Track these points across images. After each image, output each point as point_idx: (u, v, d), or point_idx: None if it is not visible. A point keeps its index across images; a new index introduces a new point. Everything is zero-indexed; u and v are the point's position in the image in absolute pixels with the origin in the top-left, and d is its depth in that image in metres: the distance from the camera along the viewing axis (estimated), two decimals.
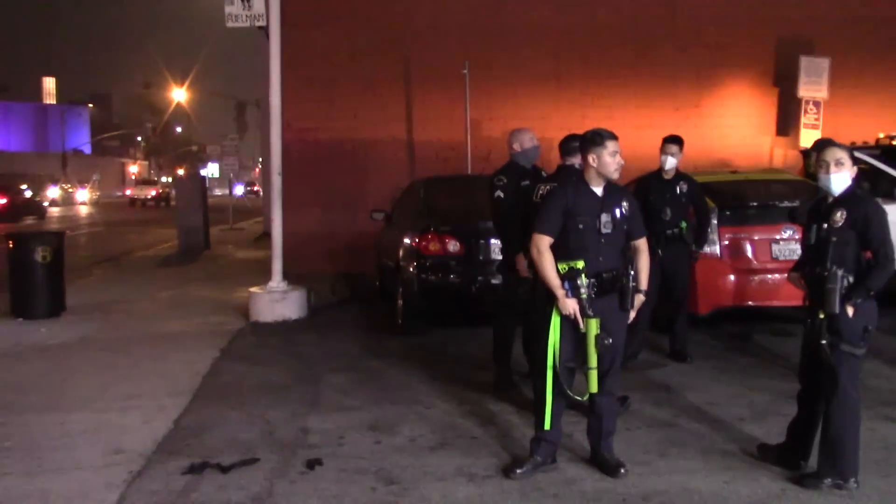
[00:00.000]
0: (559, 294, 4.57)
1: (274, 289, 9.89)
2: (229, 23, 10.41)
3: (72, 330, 9.30)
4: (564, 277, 4.60)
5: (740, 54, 14.30)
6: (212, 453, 5.15)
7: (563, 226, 4.66)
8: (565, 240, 4.65)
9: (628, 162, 5.53)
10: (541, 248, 4.66)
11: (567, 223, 4.65)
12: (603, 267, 4.64)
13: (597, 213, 4.64)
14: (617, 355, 4.77)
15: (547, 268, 4.62)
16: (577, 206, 4.65)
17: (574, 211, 4.64)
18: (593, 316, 4.55)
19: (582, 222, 4.63)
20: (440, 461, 4.98)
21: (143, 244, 21.67)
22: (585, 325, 4.55)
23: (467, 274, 8.46)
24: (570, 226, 4.64)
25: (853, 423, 4.41)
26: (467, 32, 13.89)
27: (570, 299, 4.57)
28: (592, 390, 4.62)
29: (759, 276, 8.02)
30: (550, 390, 4.67)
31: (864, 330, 4.39)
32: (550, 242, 4.66)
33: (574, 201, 4.66)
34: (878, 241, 4.33)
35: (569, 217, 4.64)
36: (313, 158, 13.72)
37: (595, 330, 4.54)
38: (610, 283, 4.64)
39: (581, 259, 4.60)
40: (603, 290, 4.64)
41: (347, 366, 7.50)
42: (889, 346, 7.59)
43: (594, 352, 4.54)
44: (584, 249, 4.63)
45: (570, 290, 4.57)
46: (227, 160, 30.54)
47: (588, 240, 4.63)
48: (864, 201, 4.45)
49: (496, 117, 13.77)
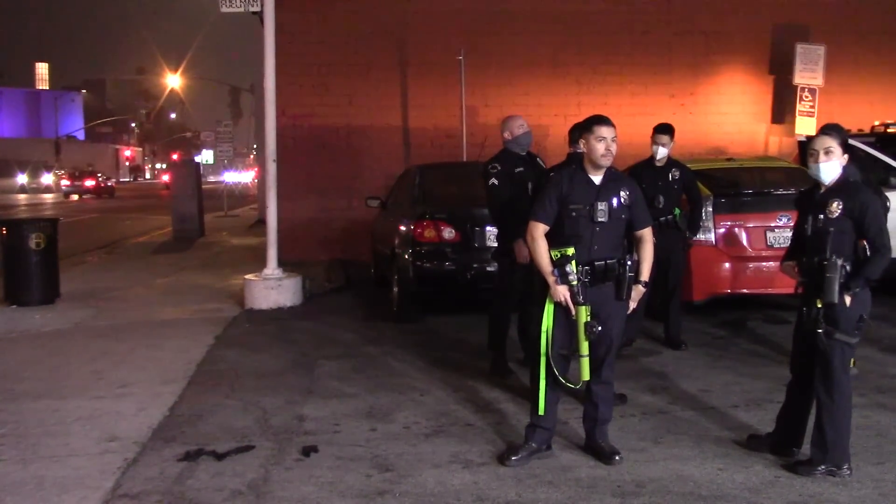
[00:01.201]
0: (550, 281, 4.58)
1: (269, 276, 9.88)
2: (223, 7, 10.35)
3: (66, 317, 9.29)
4: (555, 264, 4.60)
5: (735, 41, 14.27)
6: (207, 440, 5.15)
7: (559, 213, 4.66)
8: (560, 227, 4.66)
9: (623, 149, 5.53)
10: (535, 234, 4.67)
11: (561, 210, 4.65)
12: (597, 255, 4.63)
13: (592, 202, 4.63)
14: (613, 344, 4.77)
15: (541, 254, 4.63)
16: (572, 193, 4.65)
17: (569, 199, 4.64)
18: (584, 303, 4.55)
19: (575, 210, 4.62)
20: (435, 448, 4.99)
21: (138, 231, 21.64)
22: (576, 312, 4.56)
23: (463, 261, 8.46)
24: (563, 213, 4.64)
25: (845, 411, 4.44)
26: (464, 19, 13.83)
27: (560, 286, 4.56)
28: (585, 377, 4.62)
29: (754, 263, 8.04)
30: (544, 377, 4.68)
31: (860, 319, 4.40)
32: (545, 230, 4.67)
33: (569, 189, 4.66)
34: (874, 230, 4.33)
35: (563, 204, 4.64)
36: (308, 144, 13.67)
37: (584, 317, 4.54)
38: (603, 272, 4.63)
39: (573, 246, 4.60)
40: (596, 279, 4.63)
41: (343, 353, 7.50)
42: (884, 334, 7.63)
43: (584, 339, 4.55)
44: (577, 237, 4.62)
45: (559, 277, 4.57)
46: (222, 147, 30.46)
47: (582, 228, 4.62)
48: (860, 190, 4.45)
49: (492, 104, 13.73)
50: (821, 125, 4.88)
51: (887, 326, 7.97)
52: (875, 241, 4.32)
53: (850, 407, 4.47)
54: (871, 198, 4.41)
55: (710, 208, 7.97)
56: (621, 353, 5.95)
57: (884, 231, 4.34)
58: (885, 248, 4.31)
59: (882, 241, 4.32)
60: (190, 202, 19.30)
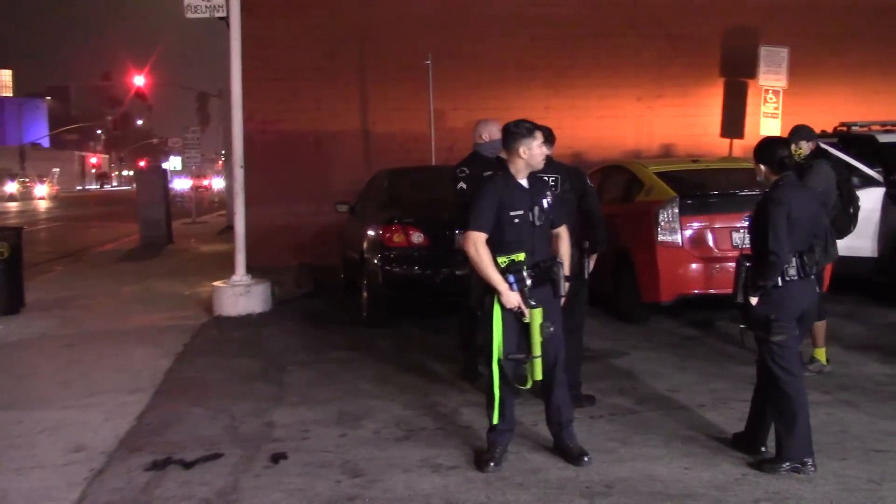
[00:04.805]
0: (502, 288, 4.59)
1: (237, 282, 9.82)
2: (189, 13, 10.28)
3: (31, 327, 9.17)
4: (506, 271, 4.62)
5: (701, 44, 14.40)
6: (175, 449, 5.11)
7: (497, 219, 4.66)
8: (500, 234, 4.66)
9: (590, 151, 5.58)
10: (478, 245, 4.64)
11: (501, 216, 4.65)
12: (538, 258, 4.71)
13: (529, 207, 4.68)
14: (561, 344, 4.82)
15: (487, 263, 4.62)
16: (511, 199, 4.68)
17: (508, 205, 4.66)
18: (536, 306, 4.59)
19: (517, 216, 4.66)
20: (405, 453, 4.99)
21: (104, 239, 21.39)
22: (530, 315, 4.58)
23: (432, 265, 8.45)
24: (504, 219, 4.65)
25: (792, 406, 4.49)
26: (431, 23, 13.83)
27: (513, 292, 4.59)
28: (537, 377, 4.64)
29: (721, 263, 8.10)
30: (498, 385, 4.68)
31: (768, 319, 4.51)
32: (486, 238, 4.67)
33: (507, 195, 4.69)
34: (765, 232, 4.48)
35: (503, 211, 4.65)
36: (276, 149, 13.60)
37: (539, 319, 4.58)
38: (545, 272, 4.70)
39: (521, 252, 4.65)
40: (540, 280, 4.69)
41: (312, 359, 7.48)
42: (848, 332, 7.75)
43: (539, 340, 4.58)
44: (520, 242, 4.67)
45: (514, 283, 4.60)
46: (190, 153, 30.24)
47: (524, 233, 4.68)
48: (766, 194, 4.64)
49: (460, 108, 13.75)
50: (785, 126, 5.00)
51: (850, 324, 8.09)
52: (767, 246, 4.46)
53: (801, 402, 4.51)
54: (767, 200, 4.56)
55: (676, 209, 8.04)
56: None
57: (771, 235, 4.44)
58: (770, 252, 4.44)
59: (768, 246, 4.45)
60: (157, 209, 19.15)
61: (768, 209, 4.51)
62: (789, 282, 4.50)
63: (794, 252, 4.49)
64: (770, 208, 4.51)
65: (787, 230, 4.44)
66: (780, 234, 4.43)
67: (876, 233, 8.93)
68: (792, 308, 4.56)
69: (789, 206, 4.49)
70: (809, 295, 4.65)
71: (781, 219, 4.45)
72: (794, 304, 4.56)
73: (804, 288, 4.57)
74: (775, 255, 4.42)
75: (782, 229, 4.44)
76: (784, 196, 4.54)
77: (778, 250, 4.42)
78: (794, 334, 4.58)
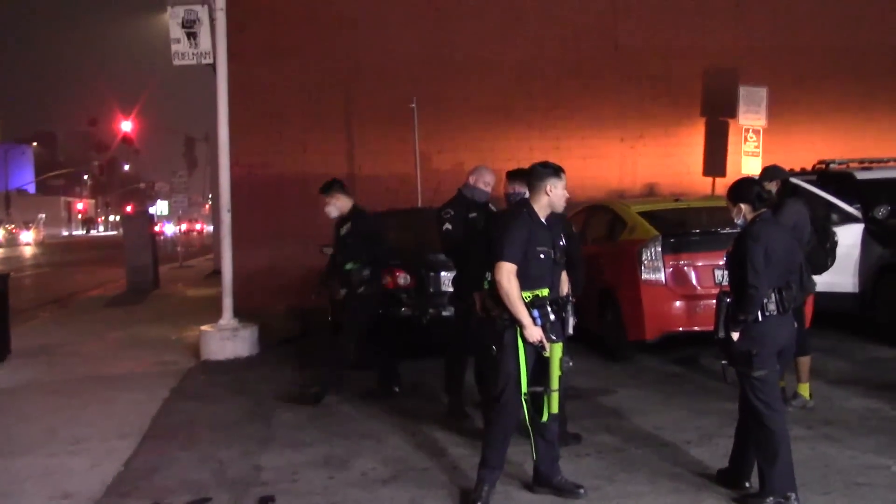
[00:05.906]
0: (527, 322, 4.65)
1: (224, 326, 9.82)
2: (176, 60, 10.38)
3: (17, 374, 9.12)
4: (531, 306, 4.70)
5: (681, 84, 14.66)
6: (163, 494, 5.11)
7: (524, 254, 4.74)
8: (525, 268, 4.73)
9: (574, 192, 5.69)
10: (511, 276, 4.68)
11: (528, 251, 4.74)
12: (555, 294, 4.83)
13: (551, 244, 4.79)
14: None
15: (517, 297, 4.67)
16: (536, 236, 4.78)
17: (535, 240, 4.76)
18: (557, 341, 4.67)
19: (543, 252, 4.77)
20: (393, 494, 5.00)
21: (91, 284, 21.31)
22: (550, 349, 4.65)
23: (418, 306, 8.51)
24: (531, 254, 4.74)
25: (774, 440, 4.53)
26: (416, 67, 14.05)
27: (536, 327, 4.66)
28: (553, 410, 4.70)
29: (704, 301, 8.17)
30: (529, 419, 4.77)
31: (749, 354, 4.58)
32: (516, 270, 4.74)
33: (533, 232, 4.79)
34: (744, 267, 4.58)
35: (531, 246, 4.74)
36: (263, 193, 13.71)
37: (559, 353, 4.65)
38: (562, 308, 4.81)
39: (544, 287, 4.76)
40: (557, 316, 4.79)
41: (299, 402, 7.46)
42: (830, 368, 7.81)
43: (557, 374, 4.64)
44: (543, 278, 4.78)
45: (538, 318, 4.68)
46: (177, 197, 30.27)
47: (547, 268, 4.79)
48: (743, 230, 4.77)
49: (445, 150, 13.93)
50: (765, 165, 5.11)
51: (834, 359, 8.17)
52: (747, 281, 4.55)
53: (783, 436, 4.56)
54: (746, 236, 4.69)
55: (659, 248, 8.13)
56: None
57: (750, 271, 4.54)
58: (748, 286, 4.54)
59: (746, 281, 4.54)
60: (144, 254, 19.10)
61: (746, 245, 4.63)
62: (769, 317, 4.59)
63: (772, 287, 4.59)
64: (748, 244, 4.62)
65: (764, 265, 4.54)
66: (758, 268, 4.54)
67: (856, 268, 9.05)
68: (772, 343, 4.64)
69: (766, 243, 4.60)
70: (787, 330, 4.74)
71: (759, 254, 4.56)
72: (773, 340, 4.65)
73: (782, 323, 4.66)
74: (754, 289, 4.52)
75: (760, 263, 4.54)
76: (761, 232, 4.65)
77: (757, 284, 4.52)
78: (775, 369, 4.66)
